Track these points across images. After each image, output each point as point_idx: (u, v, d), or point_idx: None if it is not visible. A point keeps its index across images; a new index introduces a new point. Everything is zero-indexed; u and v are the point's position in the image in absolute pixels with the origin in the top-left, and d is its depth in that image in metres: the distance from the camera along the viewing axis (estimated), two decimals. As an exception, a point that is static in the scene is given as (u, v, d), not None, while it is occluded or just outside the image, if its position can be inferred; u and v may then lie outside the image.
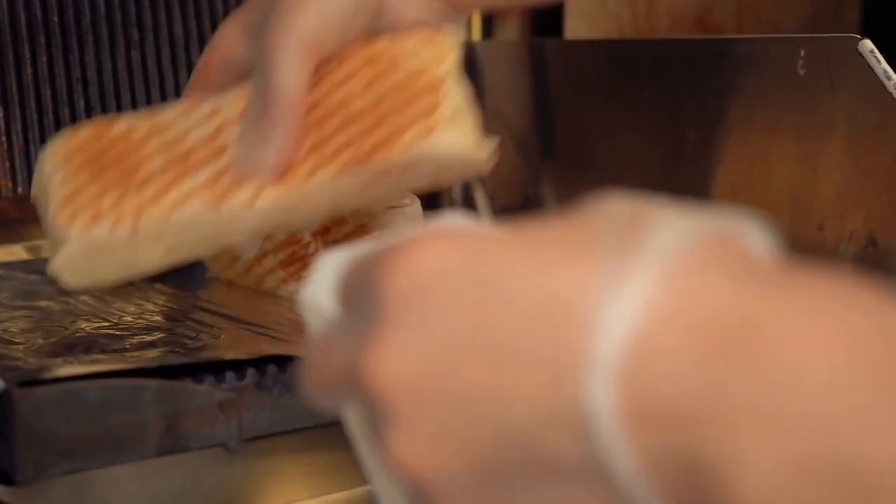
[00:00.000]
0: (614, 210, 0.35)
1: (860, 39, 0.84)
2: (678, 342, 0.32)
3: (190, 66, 1.01)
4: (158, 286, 0.97)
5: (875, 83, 0.84)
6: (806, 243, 0.89)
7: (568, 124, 1.12)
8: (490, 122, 1.16)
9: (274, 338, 0.78)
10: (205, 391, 0.67)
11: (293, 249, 0.91)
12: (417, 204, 0.87)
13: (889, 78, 0.83)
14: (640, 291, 0.32)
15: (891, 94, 0.83)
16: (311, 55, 0.66)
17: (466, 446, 0.34)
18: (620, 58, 1.07)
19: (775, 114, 0.92)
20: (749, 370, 0.31)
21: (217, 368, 0.69)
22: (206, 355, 0.72)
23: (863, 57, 0.84)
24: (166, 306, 0.91)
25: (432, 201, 1.21)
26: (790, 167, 0.91)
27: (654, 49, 1.05)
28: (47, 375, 0.64)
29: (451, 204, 1.21)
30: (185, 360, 0.70)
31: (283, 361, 0.71)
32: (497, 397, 0.34)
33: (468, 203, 1.18)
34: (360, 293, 0.38)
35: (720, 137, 0.96)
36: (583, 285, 0.33)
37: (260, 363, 0.70)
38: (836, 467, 0.31)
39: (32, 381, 0.63)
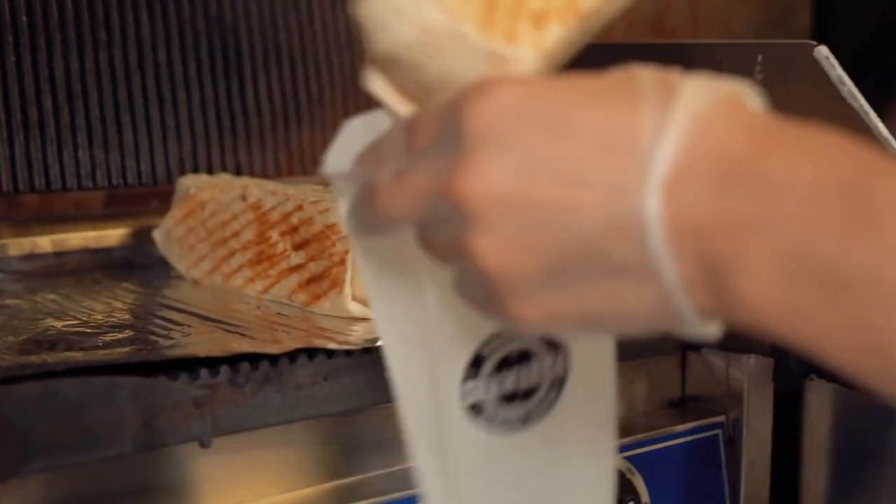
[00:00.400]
0: (645, 73, 0.44)
1: (816, 46, 0.87)
2: (706, 170, 0.41)
3: (157, 67, 1.03)
4: (125, 285, 0.98)
5: (830, 88, 0.86)
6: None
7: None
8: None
9: (244, 335, 0.79)
10: (180, 388, 0.68)
11: (261, 248, 0.92)
12: None
13: (843, 83, 0.85)
14: (679, 132, 0.41)
15: (844, 98, 0.85)
16: None
17: (539, 248, 0.43)
18: (576, 61, 1.08)
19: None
20: (751, 188, 0.40)
21: (191, 366, 0.70)
22: (179, 352, 0.73)
23: (818, 63, 0.87)
24: (134, 304, 0.92)
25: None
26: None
27: (611, 53, 1.07)
28: (27, 372, 0.64)
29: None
30: (160, 356, 0.71)
31: (255, 359, 0.72)
32: (568, 209, 0.42)
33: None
34: (440, 128, 0.45)
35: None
36: (636, 124, 0.42)
37: (233, 361, 0.72)
38: (814, 266, 0.39)
39: (11, 377, 0.64)
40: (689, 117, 0.42)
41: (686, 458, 0.89)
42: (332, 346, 0.76)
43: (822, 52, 0.87)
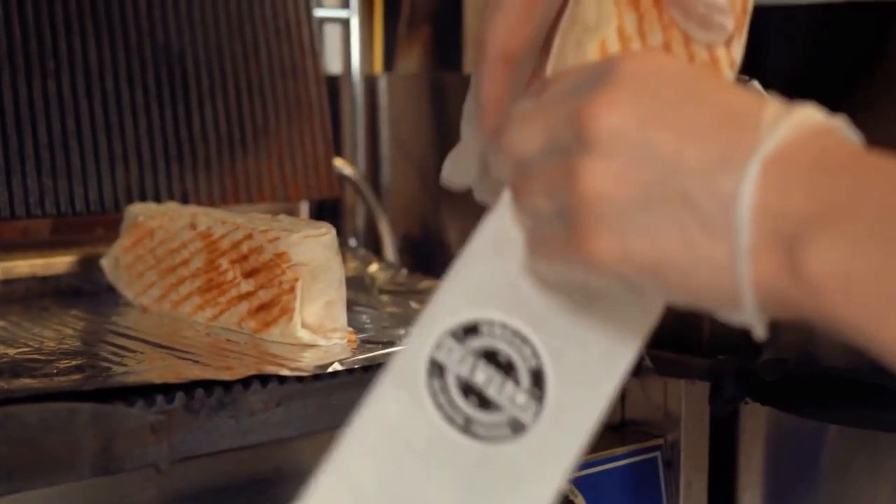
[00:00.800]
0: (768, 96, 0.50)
1: (749, 80, 0.90)
2: (806, 162, 0.46)
3: (104, 94, 1.04)
4: (73, 312, 0.99)
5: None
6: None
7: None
8: (392, 152, 1.20)
9: (196, 362, 0.80)
10: (137, 414, 0.70)
11: (210, 276, 0.93)
12: (333, 233, 0.90)
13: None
14: (793, 128, 0.46)
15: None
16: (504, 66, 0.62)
17: (641, 183, 0.48)
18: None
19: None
20: (842, 176, 0.46)
21: (147, 392, 0.72)
22: (134, 379, 0.75)
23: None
24: (84, 331, 0.93)
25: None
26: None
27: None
28: (-14, 398, 0.66)
29: (355, 231, 1.24)
30: (118, 383, 0.72)
31: (209, 386, 0.74)
32: (680, 158, 0.47)
33: (371, 230, 1.21)
34: (588, 73, 0.51)
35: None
36: (760, 109, 0.47)
37: (188, 388, 0.73)
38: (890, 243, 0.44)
39: (-28, 405, 0.65)
40: (804, 120, 0.47)
41: (626, 479, 0.92)
42: (284, 372, 0.77)
43: (756, 86, 0.90)
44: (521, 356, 0.54)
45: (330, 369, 0.79)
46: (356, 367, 0.80)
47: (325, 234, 0.89)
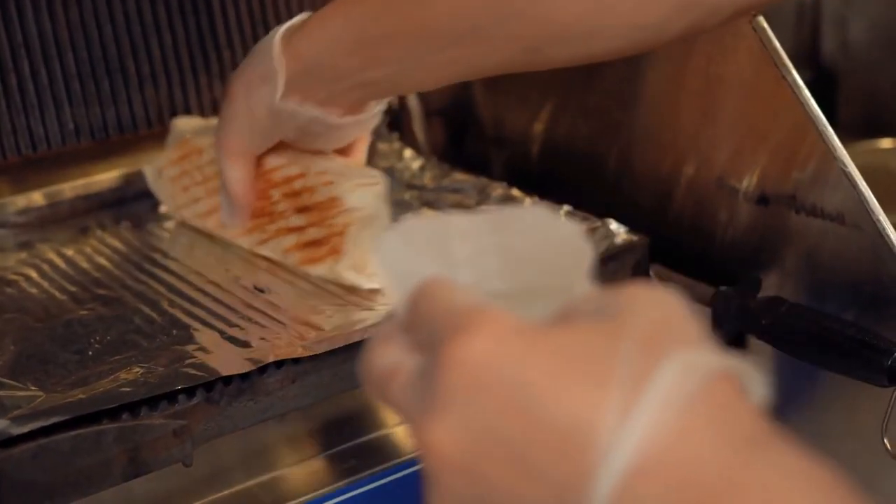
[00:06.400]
0: (640, 319, 0.41)
1: (755, 16, 0.90)
2: (661, 495, 0.39)
3: (127, 17, 1.06)
4: (116, 233, 1.05)
5: (766, 56, 0.89)
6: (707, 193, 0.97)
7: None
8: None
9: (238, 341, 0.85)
10: (160, 424, 0.77)
11: (262, 204, 0.98)
12: (385, 182, 0.94)
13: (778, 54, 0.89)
14: (638, 438, 0.39)
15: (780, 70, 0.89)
16: (244, 159, 0.83)
17: None
18: None
19: (680, 73, 0.98)
20: None
21: (170, 395, 0.78)
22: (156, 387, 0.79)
23: (756, 31, 0.90)
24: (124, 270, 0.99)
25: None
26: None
27: None
28: (19, 432, 0.73)
29: (389, 105, 1.27)
30: (141, 395, 0.78)
31: (229, 379, 0.80)
32: (513, 494, 0.41)
33: (402, 104, 1.24)
34: (424, 369, 0.45)
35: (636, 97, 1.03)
36: (597, 417, 0.39)
37: (209, 384, 0.79)
38: None
39: (8, 440, 0.72)
40: (653, 420, 0.39)
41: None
42: (299, 353, 0.83)
43: (760, 22, 0.90)
44: None
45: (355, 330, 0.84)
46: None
47: (377, 184, 0.94)
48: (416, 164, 1.16)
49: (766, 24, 0.90)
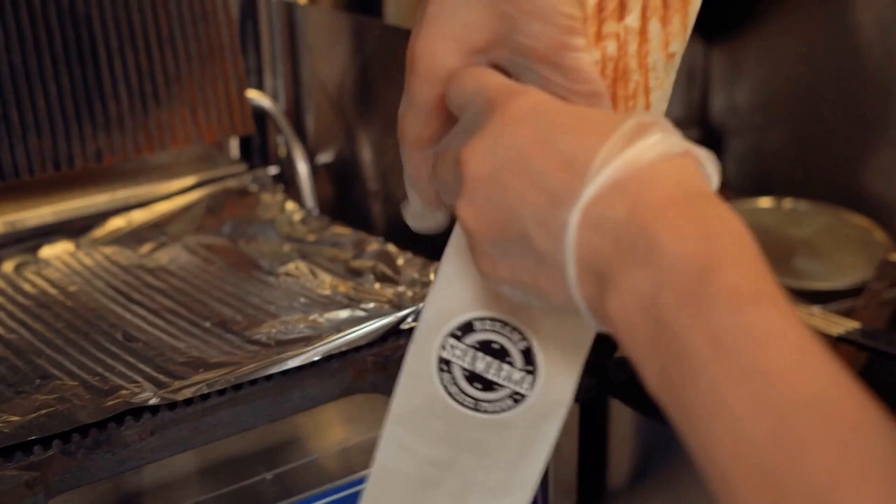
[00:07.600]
0: (640, 119, 0.54)
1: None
2: (621, 210, 0.52)
3: (13, 69, 1.07)
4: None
5: None
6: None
7: (382, 91, 1.19)
8: (307, 82, 1.23)
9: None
10: (11, 475, 0.77)
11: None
12: None
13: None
14: (616, 171, 0.52)
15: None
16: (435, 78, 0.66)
17: (494, 222, 0.56)
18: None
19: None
20: (638, 242, 0.51)
21: (25, 445, 0.79)
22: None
23: None
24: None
25: (262, 155, 1.29)
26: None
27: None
28: None
29: (277, 158, 1.29)
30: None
31: (84, 429, 0.81)
32: (522, 200, 0.54)
33: (289, 158, 1.26)
34: (474, 111, 0.58)
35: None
36: (594, 154, 0.53)
37: (65, 435, 0.80)
38: (657, 319, 0.50)
39: None
40: (632, 162, 0.52)
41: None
42: (153, 401, 0.84)
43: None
44: (511, 341, 0.64)
45: (207, 390, 0.86)
46: (227, 387, 0.86)
47: None
48: (298, 216, 1.18)
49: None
